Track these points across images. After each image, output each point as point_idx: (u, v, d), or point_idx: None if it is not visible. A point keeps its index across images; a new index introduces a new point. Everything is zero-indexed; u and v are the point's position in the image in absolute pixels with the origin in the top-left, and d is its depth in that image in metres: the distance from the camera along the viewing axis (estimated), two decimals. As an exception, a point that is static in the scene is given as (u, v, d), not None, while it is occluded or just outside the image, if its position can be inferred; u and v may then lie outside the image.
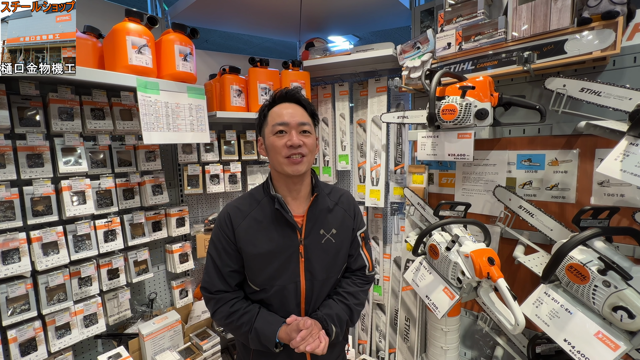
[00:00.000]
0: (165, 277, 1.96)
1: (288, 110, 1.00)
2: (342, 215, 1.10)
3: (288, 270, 1.01)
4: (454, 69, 1.50)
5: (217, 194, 2.15)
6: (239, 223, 1.01)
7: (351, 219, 1.12)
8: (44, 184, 1.39)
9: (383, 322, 2.15)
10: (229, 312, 1.01)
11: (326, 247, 1.05)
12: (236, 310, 1.01)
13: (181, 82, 1.58)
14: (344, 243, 1.09)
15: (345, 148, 2.24)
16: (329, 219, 1.07)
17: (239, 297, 1.05)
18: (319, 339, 0.96)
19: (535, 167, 1.40)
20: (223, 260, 1.02)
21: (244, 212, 1.03)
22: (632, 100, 1.01)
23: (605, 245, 0.97)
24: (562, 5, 1.18)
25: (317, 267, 1.03)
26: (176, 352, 1.64)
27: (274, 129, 0.99)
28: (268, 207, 1.03)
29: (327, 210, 1.07)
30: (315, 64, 2.08)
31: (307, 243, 1.02)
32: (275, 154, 0.99)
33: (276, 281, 1.01)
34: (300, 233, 1.02)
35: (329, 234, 1.05)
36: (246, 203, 1.05)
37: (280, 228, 1.01)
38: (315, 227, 1.04)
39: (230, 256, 1.02)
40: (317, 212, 1.05)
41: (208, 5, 1.90)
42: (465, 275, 1.12)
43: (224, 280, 1.03)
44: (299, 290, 1.03)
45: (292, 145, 0.96)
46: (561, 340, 0.95)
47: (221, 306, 1.02)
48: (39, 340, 1.37)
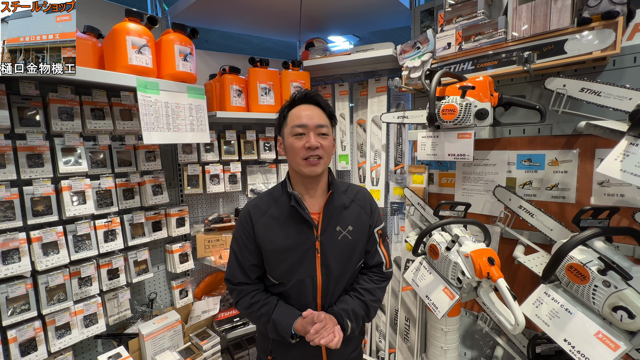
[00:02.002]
0: (165, 277, 1.96)
1: (307, 112, 1.02)
2: (358, 212, 1.11)
3: (304, 265, 1.04)
4: (454, 69, 1.50)
5: (217, 194, 2.15)
6: (258, 220, 1.06)
7: (367, 216, 1.13)
8: (44, 184, 1.39)
9: (383, 322, 2.15)
10: (250, 303, 1.07)
11: (342, 244, 1.07)
12: (256, 301, 1.07)
13: (181, 82, 1.58)
14: (361, 239, 1.11)
15: (345, 148, 2.24)
16: (344, 216, 1.09)
17: (259, 289, 1.11)
18: (334, 333, 0.99)
19: (535, 167, 1.40)
20: (243, 255, 1.08)
21: (263, 210, 1.07)
22: (632, 100, 1.01)
23: (605, 245, 0.97)
24: (562, 5, 1.18)
25: (333, 263, 1.06)
26: (176, 352, 1.64)
27: (293, 130, 1.02)
28: (285, 205, 1.06)
29: (343, 207, 1.10)
30: (315, 64, 2.08)
31: (323, 239, 1.05)
32: (294, 155, 1.02)
33: (293, 275, 1.05)
34: (317, 229, 1.05)
35: (345, 230, 1.08)
36: (265, 201, 1.10)
37: (297, 224, 1.04)
38: (331, 223, 1.07)
39: (250, 251, 1.07)
40: (333, 209, 1.08)
41: (208, 5, 1.90)
42: (465, 275, 1.12)
43: (245, 273, 1.09)
44: (316, 285, 1.06)
45: (310, 147, 0.99)
46: (561, 340, 0.96)
47: (243, 297, 1.09)
48: (39, 340, 1.37)
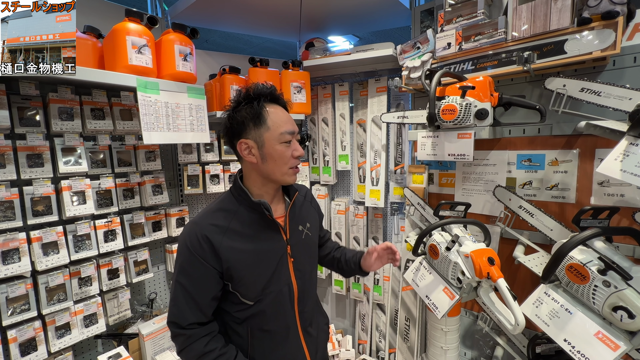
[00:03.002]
0: (165, 277, 1.96)
1: (287, 116, 0.97)
2: (308, 207, 1.15)
3: (279, 274, 0.98)
4: (454, 69, 1.50)
5: (217, 194, 2.14)
6: (221, 241, 0.90)
7: (314, 209, 1.19)
8: (44, 184, 1.39)
9: (383, 322, 2.15)
10: (202, 352, 0.90)
11: (307, 242, 1.08)
12: (211, 350, 0.91)
13: (181, 82, 1.58)
14: (316, 233, 1.16)
15: (345, 148, 2.24)
16: (303, 214, 1.10)
17: (213, 331, 0.95)
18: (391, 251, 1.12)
19: (535, 167, 1.40)
20: (200, 289, 0.91)
21: (222, 228, 0.92)
22: (632, 100, 1.00)
23: (605, 245, 0.97)
24: (562, 5, 1.18)
25: (304, 264, 1.06)
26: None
27: (282, 137, 0.93)
28: (246, 216, 0.96)
29: (300, 206, 1.11)
30: (315, 64, 2.08)
31: (293, 242, 1.03)
32: (281, 164, 0.94)
33: (270, 288, 0.96)
34: (285, 233, 1.02)
35: (306, 228, 1.09)
36: (220, 217, 0.94)
37: (265, 234, 0.97)
38: (295, 225, 1.06)
39: (211, 281, 0.92)
40: (296, 210, 1.08)
41: (208, 5, 1.90)
42: (465, 275, 1.12)
43: (200, 310, 0.92)
44: (292, 291, 1.02)
45: (299, 156, 0.97)
46: (561, 340, 0.95)
47: (192, 343, 0.91)
48: (39, 340, 1.37)
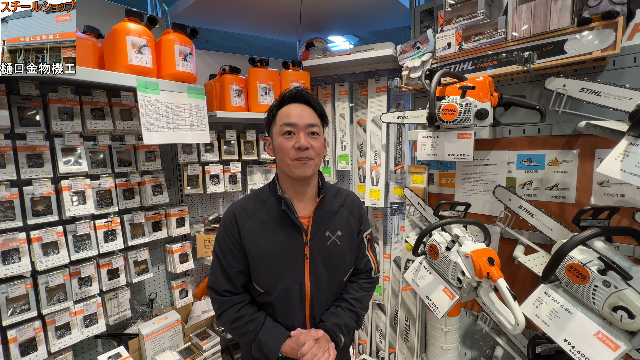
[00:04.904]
0: (165, 277, 1.96)
1: (297, 111, 0.97)
2: (347, 217, 1.09)
3: (293, 272, 0.99)
4: (454, 69, 1.50)
5: (217, 194, 2.15)
6: (244, 223, 1.00)
7: (356, 221, 1.11)
8: (44, 184, 1.39)
9: (383, 322, 2.15)
10: (235, 317, 0.99)
11: (331, 249, 1.03)
12: (242, 315, 0.99)
13: (181, 82, 1.58)
14: (349, 245, 1.08)
15: (345, 148, 2.24)
16: (334, 221, 1.06)
17: (245, 300, 1.03)
18: (328, 351, 0.97)
19: (535, 167, 1.40)
20: (228, 261, 1.01)
21: (249, 213, 1.01)
22: (632, 100, 1.01)
23: (605, 245, 0.97)
24: (562, 5, 1.18)
25: (322, 269, 1.02)
26: (176, 352, 1.64)
27: (281, 129, 0.96)
28: (274, 208, 1.01)
29: (333, 212, 1.06)
30: (315, 64, 2.08)
31: (313, 245, 1.01)
32: (283, 156, 0.97)
33: (280, 283, 0.99)
34: (306, 235, 1.00)
35: (334, 235, 1.04)
36: (251, 203, 1.03)
37: (286, 229, 1.00)
38: (320, 228, 1.03)
39: (236, 256, 1.01)
40: (323, 214, 1.04)
41: (208, 5, 1.90)
42: (465, 275, 1.12)
43: (230, 280, 1.01)
44: (304, 293, 1.01)
45: (299, 148, 0.95)
46: (561, 340, 0.95)
47: (227, 309, 1.01)
48: (39, 340, 1.37)
